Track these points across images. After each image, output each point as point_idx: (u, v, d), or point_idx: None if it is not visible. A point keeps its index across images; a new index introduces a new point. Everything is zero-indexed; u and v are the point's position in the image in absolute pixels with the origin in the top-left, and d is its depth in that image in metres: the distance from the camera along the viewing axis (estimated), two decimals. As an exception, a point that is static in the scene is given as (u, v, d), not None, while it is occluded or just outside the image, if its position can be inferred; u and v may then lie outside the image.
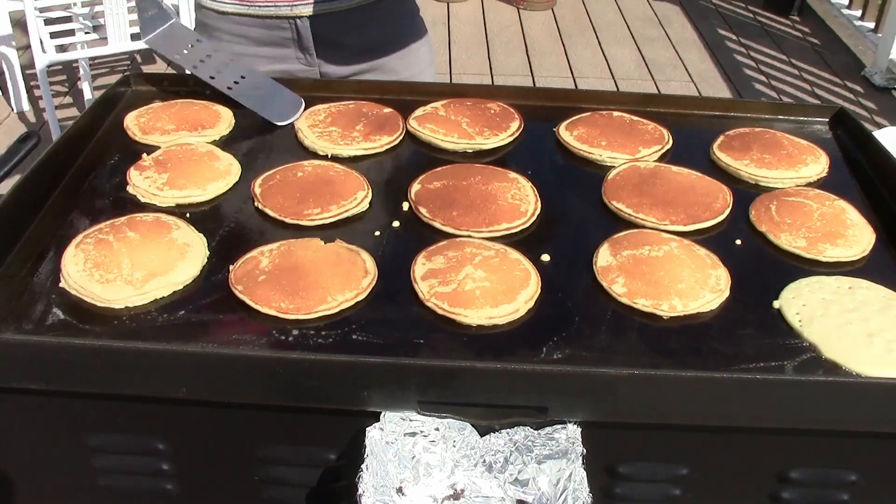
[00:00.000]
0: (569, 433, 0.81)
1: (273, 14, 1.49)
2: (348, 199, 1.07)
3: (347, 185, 1.10)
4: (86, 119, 1.21)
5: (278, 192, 1.08)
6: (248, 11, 1.49)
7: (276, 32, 1.51)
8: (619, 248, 1.00)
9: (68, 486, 0.92)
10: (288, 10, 1.48)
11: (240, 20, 1.51)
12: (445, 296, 0.91)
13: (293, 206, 1.05)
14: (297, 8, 1.48)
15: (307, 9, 1.48)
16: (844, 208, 1.09)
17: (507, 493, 0.79)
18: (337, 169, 1.13)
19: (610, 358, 0.87)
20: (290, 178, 1.11)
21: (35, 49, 3.34)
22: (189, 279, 0.94)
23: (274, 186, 1.09)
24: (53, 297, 0.91)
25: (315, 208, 1.05)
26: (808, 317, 0.92)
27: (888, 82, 4.50)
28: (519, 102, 1.32)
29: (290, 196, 1.07)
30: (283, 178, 1.11)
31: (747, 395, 0.81)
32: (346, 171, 1.13)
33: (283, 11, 1.48)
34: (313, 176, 1.12)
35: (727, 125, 1.29)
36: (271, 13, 1.48)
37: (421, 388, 0.80)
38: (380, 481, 0.78)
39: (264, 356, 0.84)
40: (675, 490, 0.88)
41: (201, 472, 0.91)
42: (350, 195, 1.08)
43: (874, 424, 0.83)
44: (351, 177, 1.12)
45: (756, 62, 4.83)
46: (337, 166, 1.14)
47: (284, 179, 1.11)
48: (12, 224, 0.99)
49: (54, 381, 0.83)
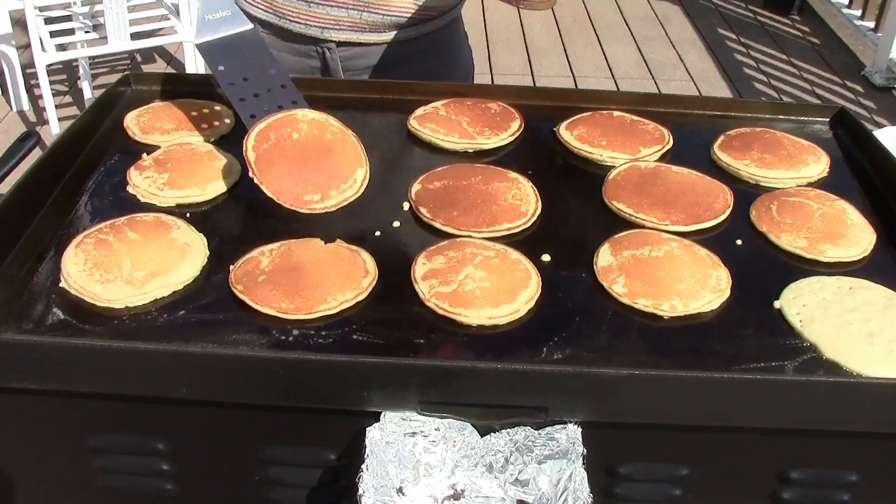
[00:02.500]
0: (569, 433, 0.81)
1: (302, 32, 1.44)
2: (347, 182, 1.05)
3: (345, 160, 1.07)
4: (85, 118, 1.20)
5: (274, 162, 1.03)
6: (277, 23, 1.45)
7: (303, 60, 1.47)
8: (620, 249, 1.00)
9: (68, 486, 0.92)
10: (318, 31, 1.43)
11: (270, 41, 1.45)
12: (446, 296, 0.91)
13: (291, 189, 1.03)
14: (327, 32, 1.43)
15: (337, 34, 1.42)
16: (845, 208, 1.09)
17: (507, 494, 0.79)
18: (334, 129, 1.09)
19: (610, 358, 0.87)
20: (286, 141, 1.05)
21: (35, 48, 3.34)
22: (189, 279, 0.94)
23: (269, 150, 1.03)
24: (53, 297, 0.91)
25: (315, 194, 1.03)
26: (808, 317, 0.92)
27: (888, 82, 4.50)
28: (519, 102, 1.32)
29: (287, 171, 1.03)
30: (278, 138, 1.05)
31: (748, 396, 0.81)
32: (344, 134, 1.09)
33: (313, 32, 1.43)
34: (310, 140, 1.06)
35: (727, 125, 1.29)
36: (301, 31, 1.44)
37: (421, 389, 0.80)
38: (380, 481, 0.78)
39: (264, 356, 0.84)
40: (676, 490, 0.88)
41: (201, 473, 0.90)
42: (349, 175, 1.06)
43: (874, 425, 0.83)
44: (349, 143, 1.08)
45: (756, 62, 4.83)
46: (333, 124, 1.09)
47: (279, 142, 1.05)
48: (12, 224, 0.99)
49: (54, 381, 0.82)
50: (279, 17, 1.45)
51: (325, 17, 1.41)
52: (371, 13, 1.41)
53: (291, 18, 1.44)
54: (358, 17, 1.41)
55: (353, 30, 1.43)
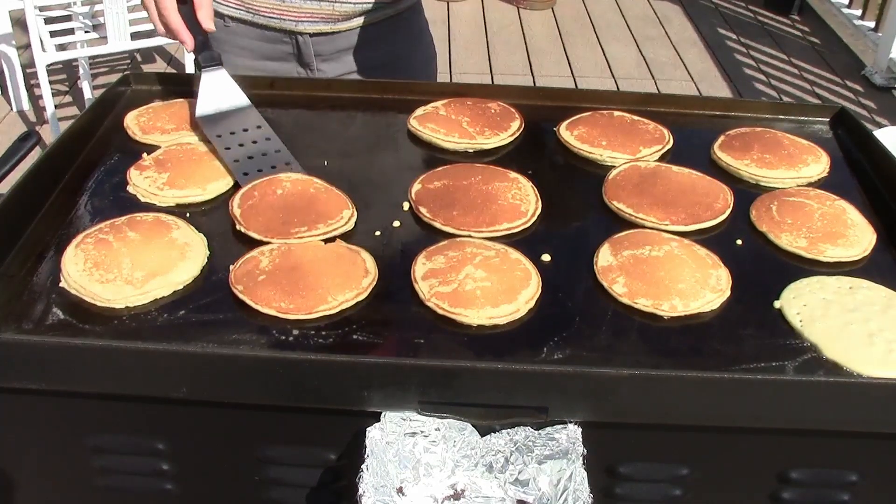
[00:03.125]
0: (569, 433, 0.81)
1: (276, 27, 1.47)
2: (335, 219, 1.03)
3: (331, 205, 1.05)
4: (85, 118, 1.20)
5: (260, 213, 1.03)
6: (251, 19, 1.48)
7: (277, 47, 1.50)
8: (620, 248, 1.00)
9: (68, 486, 0.92)
10: (292, 25, 1.46)
11: (243, 31, 1.49)
12: (446, 296, 0.91)
13: (278, 227, 1.01)
14: (301, 24, 1.46)
15: (311, 26, 1.46)
16: (845, 208, 1.09)
17: (507, 494, 0.79)
18: (317, 185, 1.09)
19: (610, 358, 0.87)
20: (270, 196, 1.05)
21: (35, 48, 3.33)
22: (189, 279, 0.94)
23: (254, 206, 1.04)
24: (53, 297, 0.91)
25: (302, 227, 1.01)
26: (808, 317, 0.92)
27: (888, 82, 4.50)
28: (519, 102, 1.32)
29: (273, 217, 1.02)
30: (262, 195, 1.06)
31: (748, 396, 0.81)
32: (328, 188, 1.08)
33: (287, 26, 1.46)
34: (294, 194, 1.06)
35: (728, 125, 1.29)
36: (274, 25, 1.47)
37: (421, 389, 0.80)
38: (380, 481, 0.78)
39: (264, 356, 0.84)
40: (676, 490, 0.88)
41: (201, 473, 0.90)
42: (336, 214, 1.03)
43: (874, 425, 0.83)
44: (333, 194, 1.07)
45: (756, 62, 4.82)
46: (317, 182, 1.09)
47: (264, 197, 1.05)
48: (12, 224, 0.99)
49: (54, 381, 0.82)
50: (253, 14, 1.48)
51: (298, 10, 1.44)
52: (343, 4, 1.44)
53: (265, 14, 1.46)
54: (330, 9, 1.44)
55: (327, 21, 1.46)
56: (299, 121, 1.28)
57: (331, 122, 1.28)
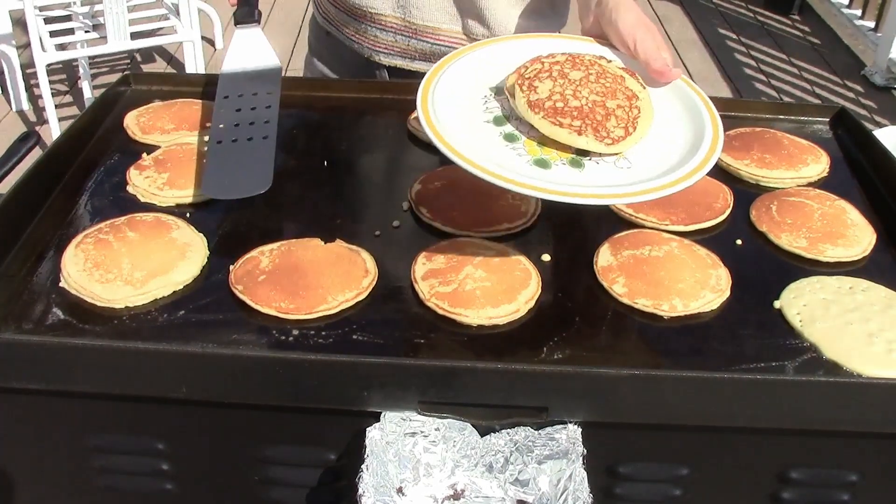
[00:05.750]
0: (569, 433, 0.81)
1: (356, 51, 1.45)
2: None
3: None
4: (85, 118, 1.20)
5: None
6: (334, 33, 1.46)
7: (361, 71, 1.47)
8: (620, 248, 1.00)
9: (68, 486, 0.92)
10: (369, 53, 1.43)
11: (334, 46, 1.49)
12: (446, 296, 0.91)
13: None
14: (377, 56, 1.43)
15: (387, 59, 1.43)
16: (845, 208, 1.09)
17: (507, 494, 0.79)
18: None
19: (610, 358, 0.87)
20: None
21: (35, 48, 3.33)
22: (189, 279, 0.94)
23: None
24: (53, 297, 0.91)
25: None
26: (808, 317, 0.92)
27: (888, 82, 4.49)
28: (519, 102, 1.32)
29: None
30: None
31: (748, 396, 0.81)
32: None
33: (364, 53, 1.44)
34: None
35: (727, 125, 1.28)
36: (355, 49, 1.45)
37: (421, 389, 0.80)
38: (380, 481, 0.78)
39: (264, 356, 0.84)
40: (676, 490, 0.88)
41: (201, 473, 0.90)
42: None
43: (874, 425, 0.83)
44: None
45: (756, 62, 4.82)
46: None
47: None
48: (12, 224, 0.99)
49: (54, 381, 0.82)
50: (336, 28, 1.46)
51: (374, 40, 1.42)
52: (420, 41, 1.39)
53: (349, 36, 1.44)
54: (405, 44, 1.40)
55: (403, 57, 1.42)
56: (300, 121, 1.28)
57: (331, 122, 1.28)
